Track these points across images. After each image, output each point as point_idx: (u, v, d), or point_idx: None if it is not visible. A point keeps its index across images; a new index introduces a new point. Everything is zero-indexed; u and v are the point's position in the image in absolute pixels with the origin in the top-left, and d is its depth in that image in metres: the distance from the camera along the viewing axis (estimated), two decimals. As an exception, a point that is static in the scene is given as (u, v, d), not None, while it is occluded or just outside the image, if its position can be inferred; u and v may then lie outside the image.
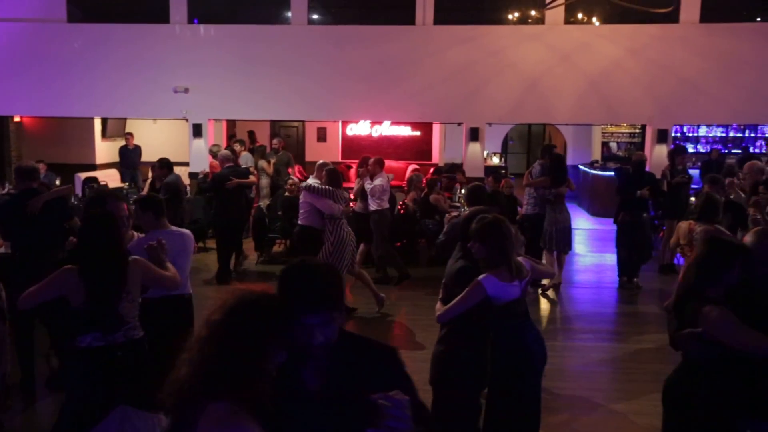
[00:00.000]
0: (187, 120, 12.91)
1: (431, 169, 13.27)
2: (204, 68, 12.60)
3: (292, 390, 1.90)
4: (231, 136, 14.57)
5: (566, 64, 12.31)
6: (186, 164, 13.11)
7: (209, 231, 10.32)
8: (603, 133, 16.42)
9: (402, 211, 9.70)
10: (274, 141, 12.28)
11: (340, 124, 17.01)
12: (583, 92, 12.34)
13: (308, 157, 17.06)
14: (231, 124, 15.67)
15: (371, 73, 12.64)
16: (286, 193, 9.95)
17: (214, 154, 11.26)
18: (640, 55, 12.15)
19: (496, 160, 16.51)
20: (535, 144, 22.89)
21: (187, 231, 4.74)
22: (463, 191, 10.43)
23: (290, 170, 12.14)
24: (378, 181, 8.31)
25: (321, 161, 8.26)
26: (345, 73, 12.64)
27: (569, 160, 17.33)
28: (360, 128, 17.28)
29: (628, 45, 12.17)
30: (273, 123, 16.72)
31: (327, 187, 7.24)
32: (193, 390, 1.74)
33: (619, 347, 6.74)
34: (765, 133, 15.38)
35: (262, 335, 1.79)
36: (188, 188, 12.19)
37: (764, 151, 13.97)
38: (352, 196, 8.45)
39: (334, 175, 7.37)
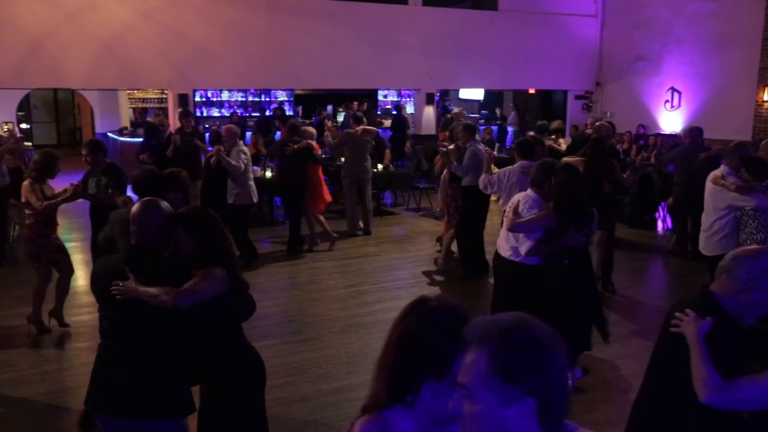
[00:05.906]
0: None
1: None
2: None
3: None
4: None
5: (73, 25, 11.50)
6: None
7: None
8: (131, 98, 16.06)
9: None
10: None
11: None
12: (96, 55, 11.73)
13: None
14: None
15: None
16: None
17: None
18: (151, 18, 12.09)
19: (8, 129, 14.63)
20: (65, 111, 21.25)
21: None
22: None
23: None
24: None
25: None
26: None
27: (97, 128, 16.61)
28: None
29: (138, 8, 11.97)
30: None
31: None
32: None
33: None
34: (278, 98, 17.14)
35: None
36: None
37: (276, 114, 15.43)
38: None
39: None
